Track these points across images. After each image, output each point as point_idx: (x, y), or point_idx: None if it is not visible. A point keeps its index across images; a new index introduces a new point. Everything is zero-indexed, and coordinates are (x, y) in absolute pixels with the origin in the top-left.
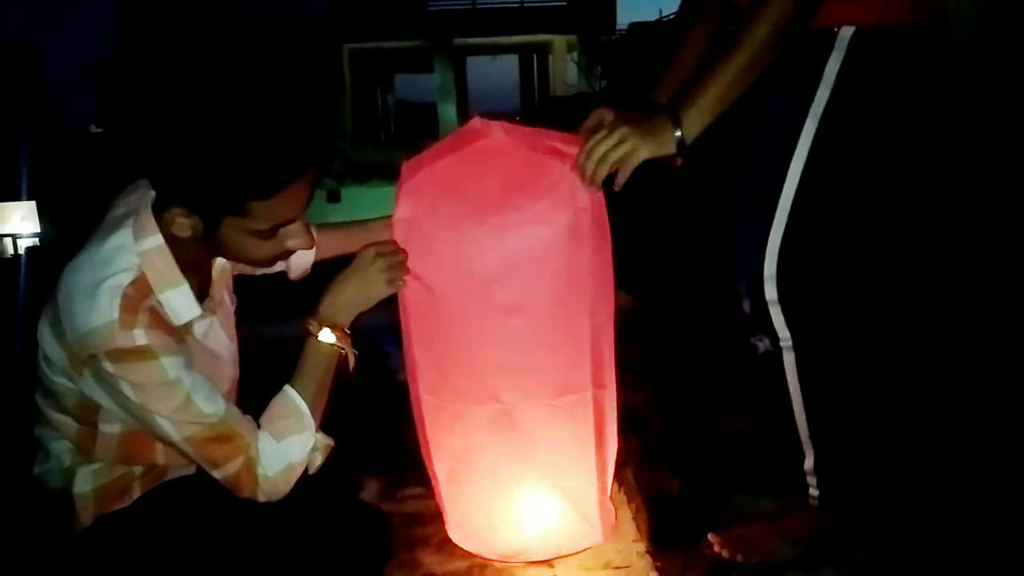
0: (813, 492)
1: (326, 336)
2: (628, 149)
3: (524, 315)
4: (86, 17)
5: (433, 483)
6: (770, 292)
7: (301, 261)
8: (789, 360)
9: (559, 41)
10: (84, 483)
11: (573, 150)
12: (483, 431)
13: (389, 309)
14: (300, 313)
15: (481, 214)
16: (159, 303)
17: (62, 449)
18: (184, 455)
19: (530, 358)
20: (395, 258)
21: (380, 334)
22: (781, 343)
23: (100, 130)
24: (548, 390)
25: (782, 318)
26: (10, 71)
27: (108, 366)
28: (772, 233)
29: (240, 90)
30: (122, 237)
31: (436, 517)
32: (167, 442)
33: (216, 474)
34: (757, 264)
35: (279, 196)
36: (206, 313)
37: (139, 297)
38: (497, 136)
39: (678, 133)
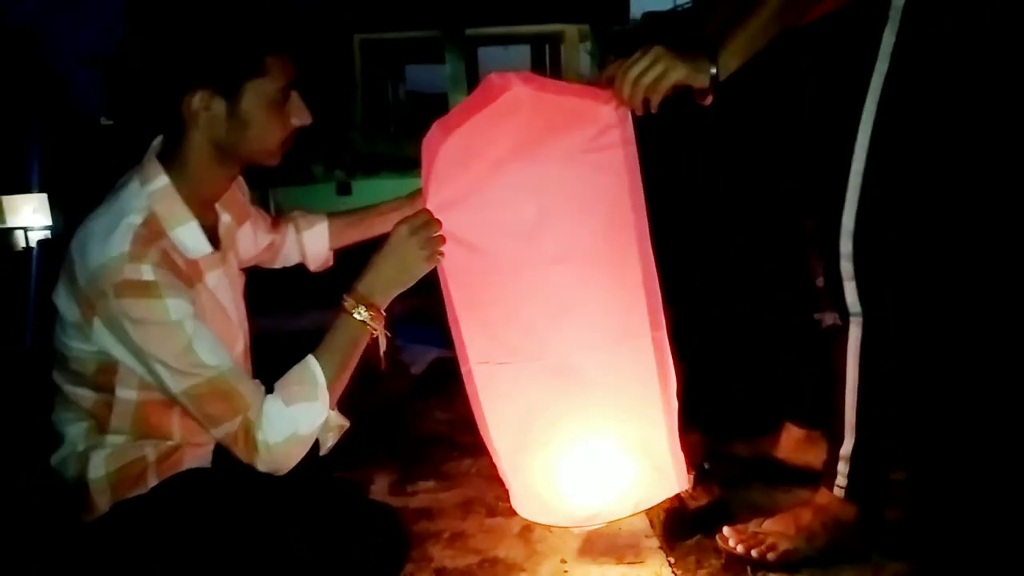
0: (841, 481)
1: (360, 314)
2: (661, 70)
3: (571, 262)
4: (98, 6)
5: (495, 459)
6: (846, 268)
7: (318, 249)
8: (855, 335)
9: (571, 31)
10: (98, 468)
11: (598, 92)
12: (543, 389)
13: (402, 301)
14: (314, 305)
15: (515, 165)
16: (171, 243)
17: (77, 433)
18: (187, 411)
19: (583, 306)
20: (430, 231)
21: (394, 327)
22: (851, 317)
23: (110, 122)
24: (606, 338)
25: (856, 294)
26: (15, 59)
27: (114, 302)
28: (846, 209)
29: None
30: (129, 185)
31: (447, 511)
32: (168, 394)
33: (215, 432)
34: (835, 240)
35: (283, 56)
36: (216, 259)
37: (150, 235)
38: (519, 88)
39: (713, 70)
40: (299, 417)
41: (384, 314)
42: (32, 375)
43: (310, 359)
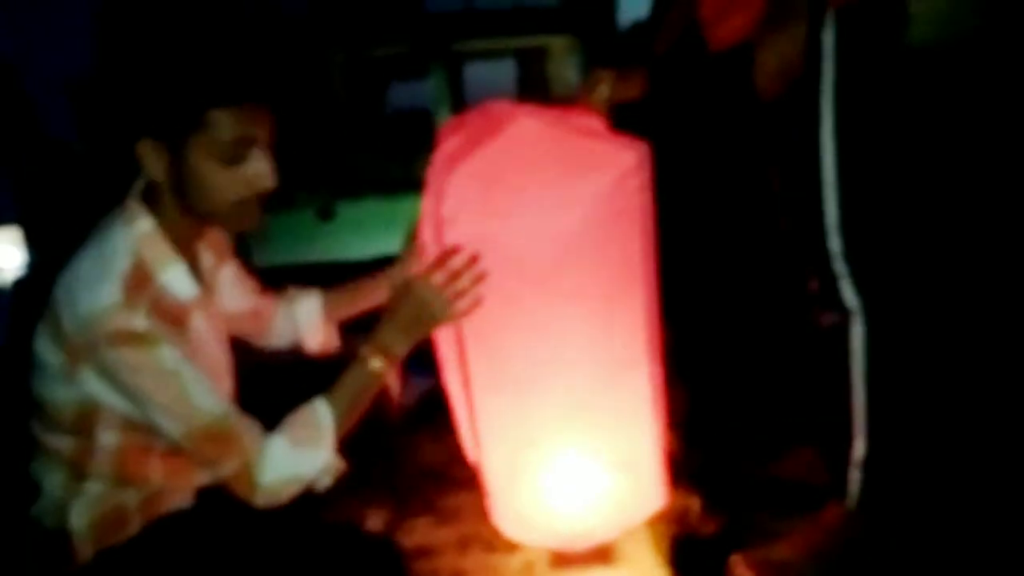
0: (853, 489)
1: (376, 363)
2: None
3: (582, 302)
4: (70, 32)
5: (487, 483)
6: (839, 266)
7: (312, 321)
8: (857, 333)
9: (558, 44)
10: (79, 516)
11: (600, 126)
12: (547, 419)
13: None
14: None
15: (528, 202)
16: (160, 288)
17: (54, 482)
18: (181, 451)
19: (591, 341)
20: (450, 281)
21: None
22: (851, 316)
23: (81, 149)
24: (608, 371)
25: (852, 289)
26: None
27: (108, 352)
28: (827, 207)
29: (199, 21)
30: (114, 229)
31: (445, 548)
32: (166, 436)
33: (211, 473)
34: (822, 241)
35: (234, 109)
36: (201, 300)
37: (139, 281)
38: (525, 121)
39: None
40: (302, 460)
41: (398, 363)
42: (8, 420)
43: (320, 404)
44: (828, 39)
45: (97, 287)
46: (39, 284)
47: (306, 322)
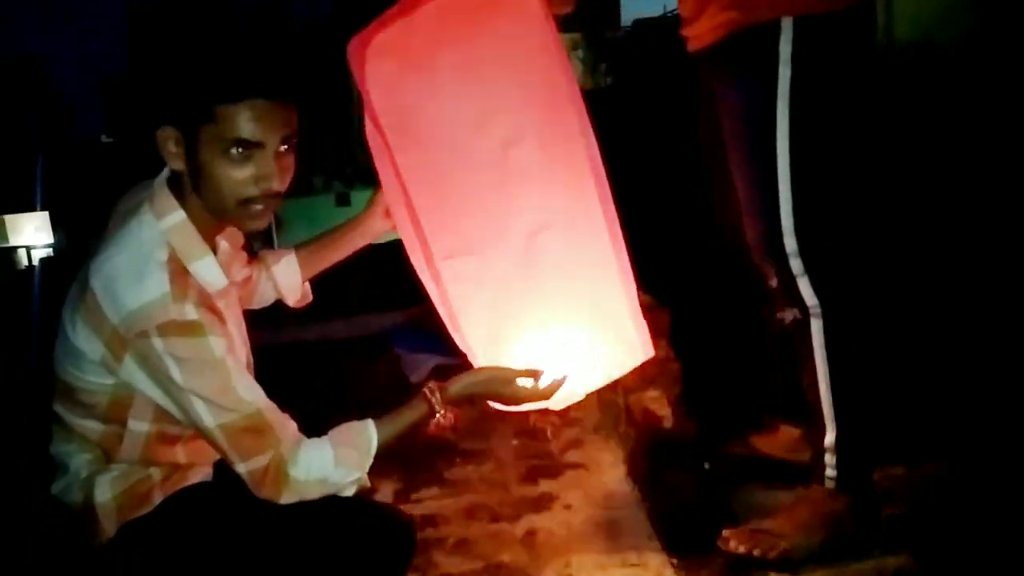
0: (830, 472)
1: (437, 405)
2: None
3: (520, 146)
4: (99, 32)
5: (470, 357)
6: (796, 265)
7: (291, 282)
8: (817, 327)
9: (563, 39)
10: (104, 491)
11: None
12: (508, 276)
13: (400, 311)
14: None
15: (450, 63)
16: (193, 278)
17: (80, 463)
18: (214, 444)
19: (535, 188)
20: (536, 379)
21: (393, 337)
22: (810, 311)
23: (110, 140)
24: (561, 216)
25: (810, 287)
26: (23, 85)
27: (158, 342)
28: (782, 209)
29: (214, 24)
30: (144, 219)
31: (451, 518)
32: (200, 429)
33: (242, 467)
34: (778, 241)
35: (241, 105)
36: (227, 288)
37: (180, 272)
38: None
39: None
40: (337, 474)
41: (454, 415)
42: (35, 398)
43: (371, 428)
44: (784, 46)
45: (142, 280)
46: (65, 264)
47: (285, 283)
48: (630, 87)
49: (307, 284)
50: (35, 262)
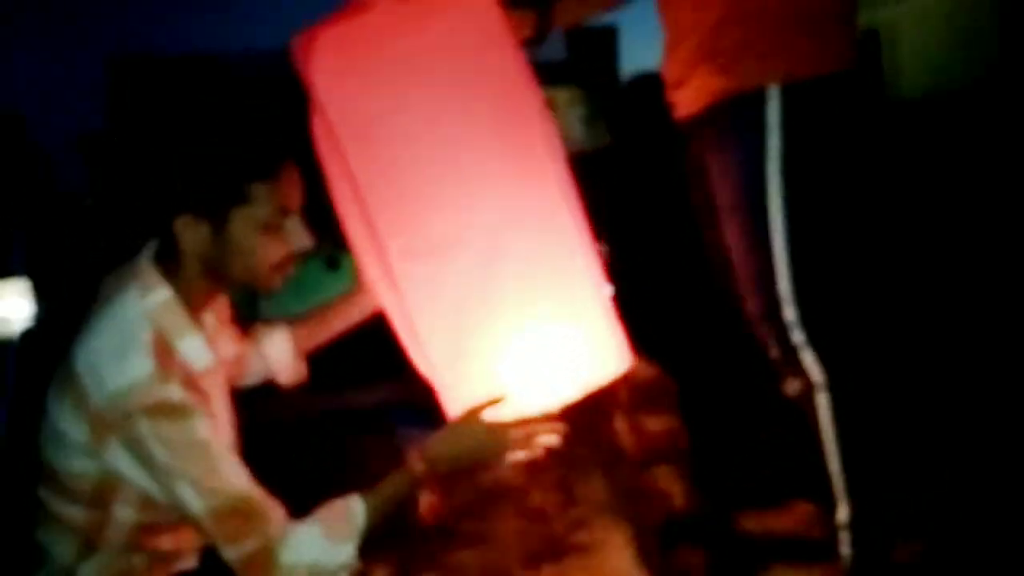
0: (846, 550)
1: (418, 475)
2: None
3: (474, 140)
4: (79, 90)
5: (433, 378)
6: (797, 336)
7: (282, 357)
8: (824, 400)
9: (561, 95)
10: None
11: None
12: (471, 281)
13: (395, 387)
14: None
15: (402, 51)
16: (180, 358)
17: (63, 551)
18: (201, 528)
19: (497, 180)
20: (524, 443)
21: (388, 411)
22: (814, 384)
23: (91, 202)
24: (524, 213)
25: (814, 358)
26: (3, 143)
27: (143, 425)
28: (780, 279)
29: (233, 104)
30: (129, 297)
31: None
32: (187, 514)
33: (230, 551)
34: (777, 311)
35: (274, 179)
36: (216, 367)
37: (165, 352)
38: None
39: None
40: (328, 552)
41: (437, 482)
42: (7, 478)
43: (357, 502)
44: (772, 113)
45: (125, 360)
46: (46, 336)
47: (278, 359)
48: (629, 144)
49: (301, 362)
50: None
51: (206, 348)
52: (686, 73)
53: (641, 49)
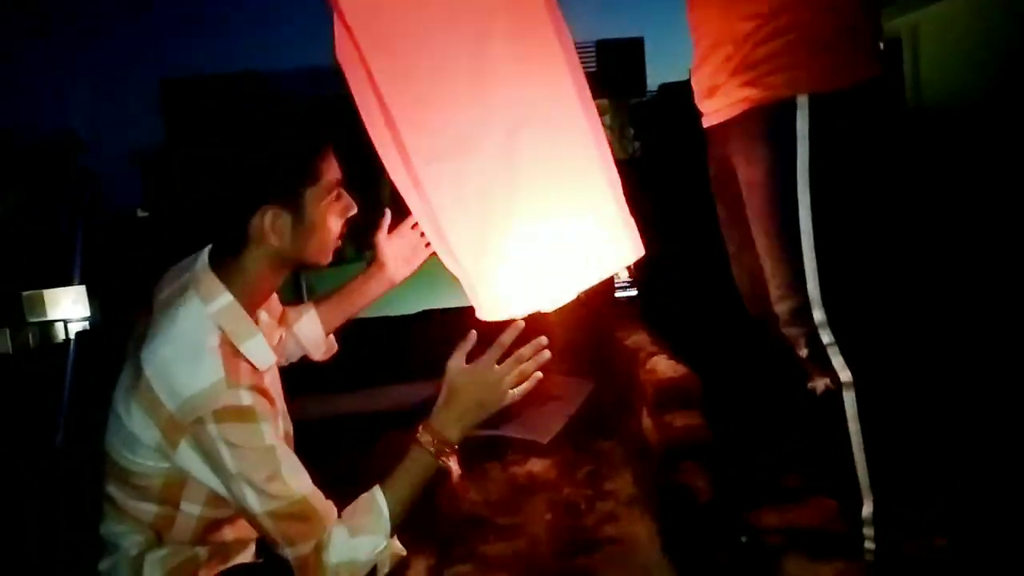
0: (869, 545)
1: (431, 450)
2: None
3: (495, 36)
4: (134, 106)
5: (462, 276)
6: (825, 336)
7: (314, 336)
8: (849, 399)
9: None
10: (154, 570)
11: None
12: (492, 179)
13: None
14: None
15: None
16: (244, 359)
17: (131, 543)
18: (260, 528)
19: (514, 80)
20: (512, 367)
21: (421, 410)
22: (842, 382)
23: (146, 214)
24: (540, 111)
25: (841, 358)
26: (58, 161)
27: (212, 428)
28: (808, 281)
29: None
30: (192, 305)
31: None
32: (248, 515)
33: (288, 552)
34: (807, 312)
35: (327, 155)
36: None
37: (233, 354)
38: None
39: None
40: (360, 547)
41: (456, 448)
42: (66, 472)
43: (377, 492)
44: (801, 122)
45: (196, 366)
46: (100, 338)
47: (310, 339)
48: (658, 153)
49: (331, 336)
50: (71, 335)
51: (268, 348)
52: (717, 82)
53: (666, 59)
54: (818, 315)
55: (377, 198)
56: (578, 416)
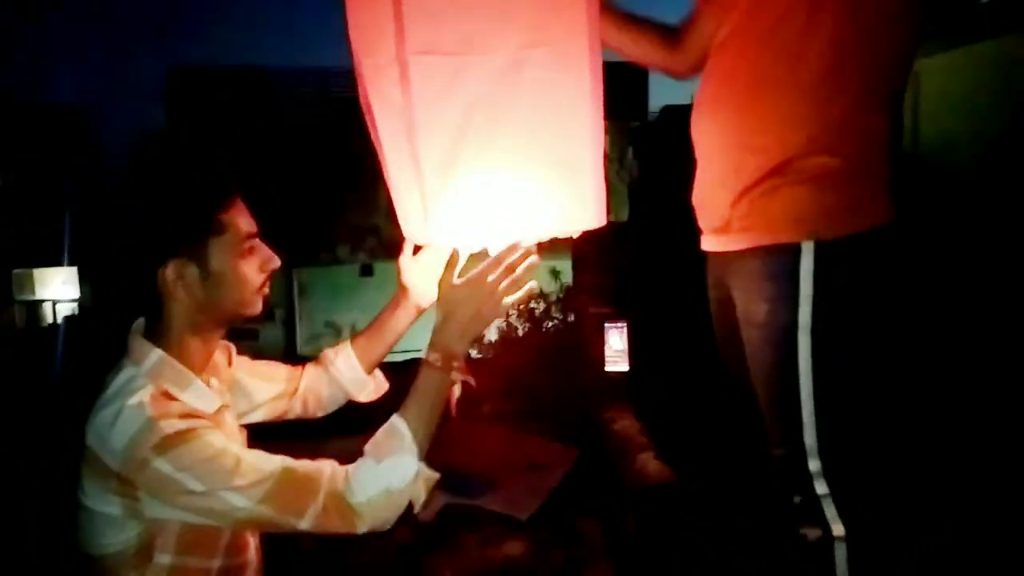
0: None
1: (440, 367)
2: None
3: None
4: (140, 87)
5: (419, 180)
6: (820, 487)
7: (353, 375)
8: (841, 553)
9: None
10: None
11: None
12: (483, 92)
13: None
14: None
15: None
16: (185, 404)
17: None
18: (265, 525)
19: (532, 4)
20: (504, 276)
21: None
22: (834, 536)
23: (143, 198)
24: (551, 40)
25: (834, 510)
26: (60, 137)
27: (159, 463)
28: (805, 430)
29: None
30: (123, 372)
31: None
32: (243, 522)
33: (304, 523)
34: (801, 461)
35: (233, 208)
36: (223, 408)
37: (164, 400)
38: None
39: None
40: (389, 472)
41: (463, 361)
42: (60, 445)
43: (395, 417)
44: (805, 270)
45: (125, 418)
46: (89, 321)
47: (349, 379)
48: (659, 181)
49: (378, 374)
50: (59, 317)
51: (210, 393)
52: (718, 210)
53: (669, 81)
54: (813, 465)
55: (374, 202)
56: (560, 487)
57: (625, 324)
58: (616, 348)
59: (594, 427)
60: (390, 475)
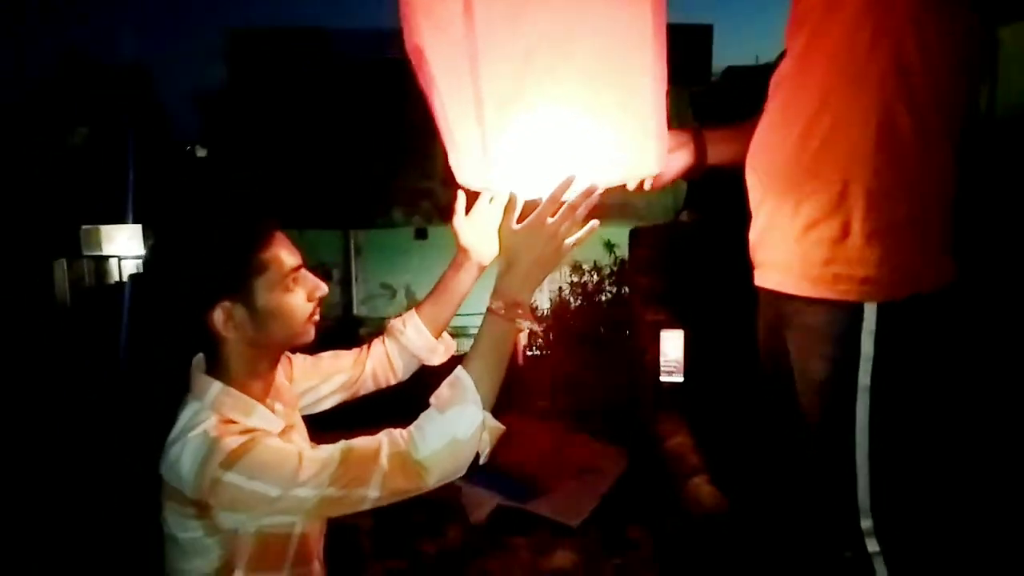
0: None
1: (507, 313)
2: None
3: None
4: (200, 45)
5: (479, 117)
6: (871, 544)
7: (423, 344)
8: None
9: None
10: None
11: None
12: (547, 24)
13: None
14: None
15: None
16: (251, 428)
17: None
18: (337, 508)
19: None
20: (565, 218)
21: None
22: None
23: (204, 153)
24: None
25: (885, 568)
26: (125, 96)
27: (230, 476)
28: (859, 487)
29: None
30: (189, 407)
31: None
32: (315, 510)
33: (373, 492)
34: (854, 518)
35: (272, 245)
36: (289, 431)
37: (223, 423)
38: None
39: None
40: (454, 421)
41: (527, 309)
42: (127, 398)
43: (459, 368)
44: (867, 332)
45: (192, 447)
46: (153, 279)
47: (419, 345)
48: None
49: (446, 335)
50: (125, 274)
51: (274, 416)
52: (775, 251)
53: (733, 43)
54: (866, 523)
55: (429, 166)
56: (610, 493)
57: (682, 332)
58: (671, 358)
59: (646, 438)
60: (454, 425)
